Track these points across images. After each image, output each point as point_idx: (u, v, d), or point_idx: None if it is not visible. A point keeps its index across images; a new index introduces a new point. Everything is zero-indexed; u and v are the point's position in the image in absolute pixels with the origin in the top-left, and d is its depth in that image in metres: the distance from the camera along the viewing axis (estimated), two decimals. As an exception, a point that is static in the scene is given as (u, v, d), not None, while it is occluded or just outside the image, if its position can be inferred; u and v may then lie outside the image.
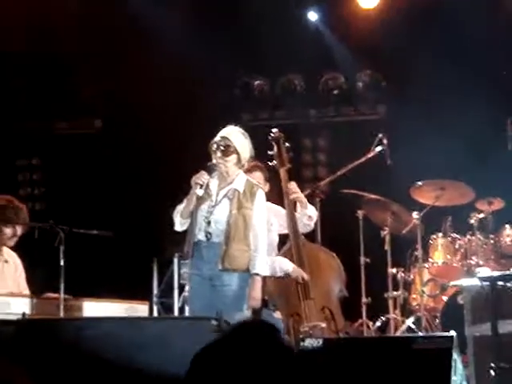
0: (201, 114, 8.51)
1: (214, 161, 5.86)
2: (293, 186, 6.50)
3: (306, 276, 6.26)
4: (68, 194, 9.90)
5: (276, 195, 6.66)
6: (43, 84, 10.28)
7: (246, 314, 5.77)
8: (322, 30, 9.95)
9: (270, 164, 6.59)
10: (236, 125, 6.05)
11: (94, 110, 10.33)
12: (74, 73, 10.08)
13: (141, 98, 9.62)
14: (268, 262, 6.11)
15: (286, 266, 6.31)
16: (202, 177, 5.78)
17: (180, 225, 5.92)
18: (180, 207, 5.90)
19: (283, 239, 6.63)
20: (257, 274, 5.80)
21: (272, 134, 6.67)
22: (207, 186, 5.88)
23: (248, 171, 6.39)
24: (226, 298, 5.74)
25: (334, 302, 6.36)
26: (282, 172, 6.55)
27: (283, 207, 6.58)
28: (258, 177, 6.46)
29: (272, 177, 6.63)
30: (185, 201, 5.88)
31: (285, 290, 6.35)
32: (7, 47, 9.80)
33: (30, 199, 10.24)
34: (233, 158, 5.87)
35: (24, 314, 5.01)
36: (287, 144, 6.63)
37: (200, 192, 5.79)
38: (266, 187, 6.55)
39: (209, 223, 5.81)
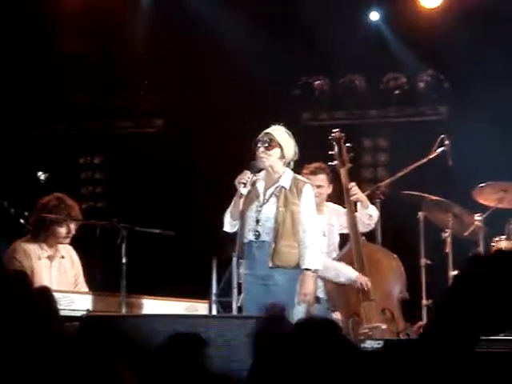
0: (261, 113, 8.51)
1: (257, 157, 5.90)
2: (353, 186, 6.49)
3: (369, 284, 6.23)
4: (130, 192, 9.99)
5: (337, 195, 6.65)
6: (106, 82, 10.39)
7: (299, 309, 5.77)
8: (383, 29, 9.88)
9: (331, 164, 6.59)
10: (281, 124, 6.06)
11: (156, 109, 10.41)
12: (137, 72, 10.17)
13: (202, 97, 9.68)
14: (331, 266, 6.15)
15: (351, 274, 6.29)
16: (245, 175, 5.84)
17: (230, 226, 5.99)
18: (229, 209, 5.96)
19: (344, 239, 6.61)
20: (307, 269, 5.80)
21: (333, 134, 6.67)
22: (254, 186, 5.92)
23: (312, 173, 6.42)
24: (279, 296, 5.76)
25: (395, 303, 6.32)
26: (343, 172, 6.55)
27: (344, 207, 6.57)
28: (321, 179, 6.47)
29: (333, 177, 6.63)
30: (232, 202, 5.93)
31: (344, 291, 6.33)
32: (71, 47, 9.95)
33: (92, 197, 10.36)
34: (276, 151, 5.91)
35: (88, 311, 5.09)
36: (348, 144, 6.62)
37: (244, 191, 5.85)
38: (330, 189, 6.56)
39: (257, 222, 5.87)
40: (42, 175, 10.16)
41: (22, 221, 6.25)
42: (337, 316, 6.42)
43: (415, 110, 10.09)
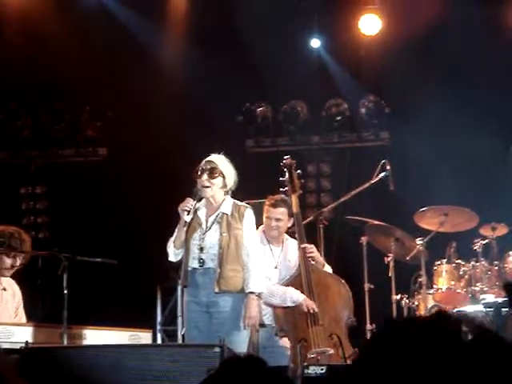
0: (205, 140, 8.53)
1: (199, 186, 5.89)
2: (311, 247, 6.50)
3: (315, 308, 6.24)
4: (72, 221, 9.89)
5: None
6: (48, 112, 10.31)
7: (244, 334, 5.76)
8: (324, 56, 9.98)
9: (282, 190, 6.61)
10: (220, 153, 6.07)
11: (99, 138, 10.34)
12: (79, 101, 10.12)
13: (145, 125, 9.65)
14: (276, 293, 6.17)
15: (297, 297, 6.30)
16: (188, 203, 5.83)
17: (174, 255, 5.96)
18: (172, 238, 5.94)
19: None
20: (252, 293, 5.81)
21: (284, 161, 6.70)
22: (196, 214, 5.91)
23: (272, 205, 6.46)
24: (223, 324, 5.75)
25: (343, 328, 6.32)
26: (294, 198, 6.57)
27: (293, 235, 6.58)
28: (281, 212, 6.49)
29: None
30: (176, 230, 5.92)
31: (293, 316, 6.32)
32: (10, 75, 9.83)
33: (33, 228, 10.23)
34: (219, 181, 5.91)
35: (27, 343, 5.00)
36: (298, 171, 6.65)
37: (188, 218, 5.83)
38: (290, 222, 6.56)
39: (201, 250, 5.86)
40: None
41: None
42: (284, 341, 6.42)
43: (357, 136, 10.19)
